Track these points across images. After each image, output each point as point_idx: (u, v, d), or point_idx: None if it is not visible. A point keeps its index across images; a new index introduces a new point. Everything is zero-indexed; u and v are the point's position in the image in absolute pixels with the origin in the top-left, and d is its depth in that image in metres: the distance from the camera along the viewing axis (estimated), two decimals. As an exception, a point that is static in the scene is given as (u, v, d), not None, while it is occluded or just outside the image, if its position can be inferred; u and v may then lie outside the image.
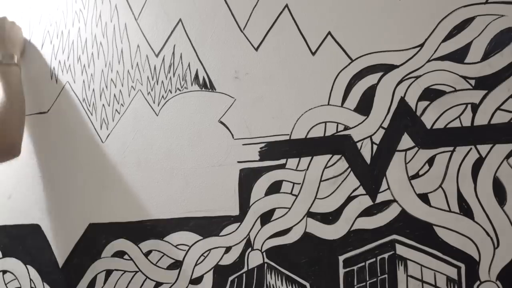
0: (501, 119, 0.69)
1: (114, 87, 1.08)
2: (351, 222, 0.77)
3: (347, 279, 0.76)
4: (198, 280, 0.89)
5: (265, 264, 0.83)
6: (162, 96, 0.98)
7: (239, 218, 0.86)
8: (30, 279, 1.10)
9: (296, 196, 0.82)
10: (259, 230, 0.84)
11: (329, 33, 0.83)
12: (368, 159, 0.77)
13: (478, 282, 0.68)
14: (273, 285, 0.82)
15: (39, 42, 1.18)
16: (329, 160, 0.80)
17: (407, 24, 0.77)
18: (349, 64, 0.81)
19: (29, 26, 1.20)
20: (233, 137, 0.89)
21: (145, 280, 0.94)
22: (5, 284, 1.10)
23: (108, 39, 1.10)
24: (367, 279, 0.75)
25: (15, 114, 0.99)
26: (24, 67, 1.13)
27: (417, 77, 0.75)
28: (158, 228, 0.94)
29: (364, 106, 0.79)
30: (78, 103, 1.09)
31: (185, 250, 0.91)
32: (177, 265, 0.91)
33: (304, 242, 0.80)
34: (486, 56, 0.71)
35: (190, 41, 0.97)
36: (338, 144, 0.80)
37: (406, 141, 0.75)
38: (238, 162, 0.88)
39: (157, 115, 0.98)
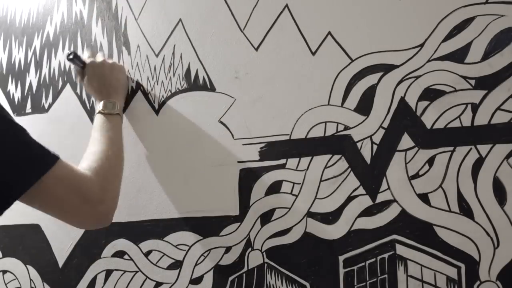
0: (501, 119, 0.69)
1: (114, 87, 1.08)
2: (351, 222, 0.77)
3: (347, 279, 0.76)
4: (198, 280, 0.89)
5: (265, 264, 0.83)
6: (162, 96, 0.98)
7: (239, 218, 0.86)
8: (30, 279, 1.10)
9: (296, 196, 0.82)
10: (259, 230, 0.84)
11: (329, 33, 0.83)
12: (368, 159, 0.77)
13: (478, 282, 0.68)
14: (273, 285, 0.82)
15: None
16: (329, 160, 0.80)
17: (407, 24, 0.77)
18: (349, 64, 0.81)
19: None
20: (233, 137, 0.89)
21: (145, 280, 0.94)
22: (5, 284, 1.10)
23: (108, 39, 1.10)
24: (367, 279, 0.75)
25: (118, 173, 0.82)
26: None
27: (417, 77, 0.75)
28: (158, 228, 0.94)
29: (364, 106, 0.79)
30: (78, 103, 1.09)
31: (185, 250, 0.91)
32: (177, 265, 0.91)
33: (304, 242, 0.80)
34: (486, 56, 0.71)
35: (190, 41, 0.97)
36: (338, 144, 0.80)
37: (406, 141, 0.75)
38: (238, 162, 0.88)
39: (157, 115, 0.98)
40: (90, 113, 1.11)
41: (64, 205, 0.68)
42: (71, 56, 0.96)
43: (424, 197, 0.73)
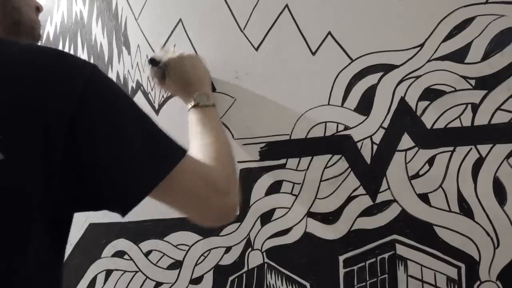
0: (501, 119, 0.69)
1: (114, 87, 1.08)
2: (351, 222, 0.77)
3: (347, 279, 0.76)
4: (198, 280, 0.89)
5: (265, 264, 0.83)
6: (162, 96, 0.98)
7: (239, 218, 0.86)
8: (30, 279, 1.10)
9: (296, 196, 0.82)
10: (259, 230, 0.84)
11: (329, 33, 0.83)
12: (368, 159, 0.77)
13: (478, 282, 0.68)
14: (273, 285, 0.82)
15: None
16: (329, 160, 0.80)
17: (407, 24, 0.77)
18: (349, 64, 0.81)
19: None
20: (233, 137, 0.89)
21: (145, 280, 0.94)
22: (5, 284, 1.09)
23: (108, 39, 1.10)
24: (367, 279, 0.75)
25: (234, 164, 0.76)
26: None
27: (417, 77, 0.75)
28: (158, 228, 0.94)
29: (364, 106, 0.79)
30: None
31: (185, 250, 0.91)
32: (177, 265, 0.91)
33: (304, 242, 0.80)
34: (486, 56, 0.71)
35: (190, 41, 0.97)
36: (338, 144, 0.80)
37: (406, 141, 0.75)
38: (238, 162, 0.88)
39: (157, 115, 0.98)
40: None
41: (193, 196, 0.63)
42: (149, 61, 0.91)
43: (424, 197, 0.73)
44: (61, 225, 0.59)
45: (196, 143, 0.77)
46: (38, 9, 0.76)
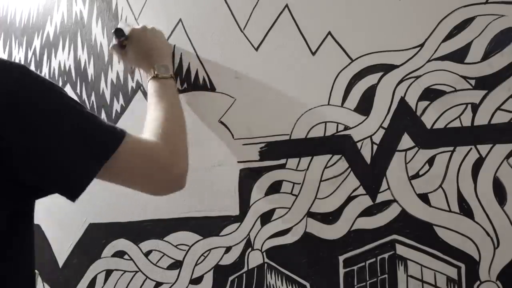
0: (501, 119, 0.69)
1: (114, 87, 1.08)
2: (351, 222, 0.77)
3: (347, 279, 0.76)
4: (198, 280, 0.89)
5: (265, 264, 0.83)
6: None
7: (239, 218, 0.86)
8: (30, 279, 1.10)
9: (296, 196, 0.82)
10: (259, 230, 0.84)
11: (329, 33, 0.83)
12: (368, 159, 0.77)
13: (478, 282, 0.68)
14: (273, 285, 0.82)
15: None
16: (329, 160, 0.80)
17: (407, 24, 0.77)
18: (349, 64, 0.81)
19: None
20: (233, 137, 0.89)
21: (145, 280, 0.95)
22: (5, 284, 1.10)
23: (108, 39, 1.10)
24: (367, 279, 0.75)
25: (183, 135, 0.80)
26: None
27: (417, 77, 0.75)
28: (158, 228, 0.94)
29: (364, 106, 0.79)
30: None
31: (185, 250, 0.91)
32: (177, 265, 0.91)
33: (304, 242, 0.80)
34: (486, 56, 0.71)
35: (190, 41, 0.97)
36: (338, 144, 0.80)
37: (406, 141, 0.75)
38: (238, 162, 0.88)
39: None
40: (90, 113, 1.11)
41: (139, 175, 0.69)
42: (117, 33, 0.93)
43: (424, 197, 0.73)
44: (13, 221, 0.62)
45: (149, 115, 0.81)
46: None
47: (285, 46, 0.87)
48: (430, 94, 0.74)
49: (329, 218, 0.79)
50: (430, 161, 0.73)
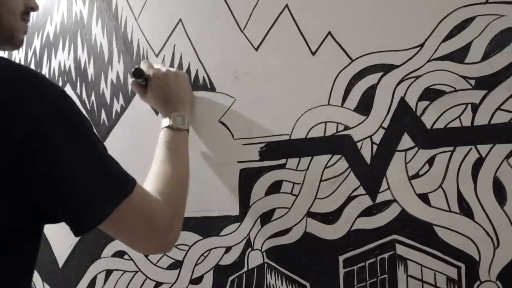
0: (501, 119, 0.69)
1: (114, 87, 1.08)
2: (351, 222, 0.77)
3: (347, 279, 0.76)
4: (198, 280, 0.89)
5: (265, 264, 0.83)
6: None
7: (239, 218, 0.86)
8: (30, 279, 1.10)
9: (296, 196, 0.82)
10: (259, 230, 0.84)
11: (329, 33, 0.83)
12: (368, 159, 0.77)
13: (478, 282, 0.68)
14: (273, 285, 0.82)
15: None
16: (329, 160, 0.80)
17: (407, 24, 0.77)
18: (349, 64, 0.81)
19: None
20: (233, 137, 0.89)
21: (145, 280, 0.94)
22: (5, 284, 1.10)
23: (108, 39, 1.10)
24: (367, 279, 0.75)
25: (185, 196, 0.78)
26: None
27: (417, 77, 0.75)
28: (158, 228, 0.94)
29: (364, 106, 0.79)
30: (78, 103, 1.09)
31: (185, 250, 0.91)
32: (177, 265, 0.91)
33: (304, 242, 0.80)
34: (486, 56, 0.71)
35: (190, 41, 0.97)
36: (338, 144, 0.80)
37: (406, 141, 0.75)
38: (238, 162, 0.88)
39: (158, 115, 0.98)
40: (90, 113, 1.11)
41: (134, 232, 0.67)
42: (135, 74, 0.88)
43: (424, 197, 0.73)
44: (22, 240, 0.61)
45: (155, 168, 0.79)
46: (29, 11, 0.75)
47: (285, 46, 0.86)
48: (430, 94, 0.74)
49: (329, 218, 0.79)
50: (430, 161, 0.73)
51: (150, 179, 0.76)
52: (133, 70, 0.88)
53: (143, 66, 0.91)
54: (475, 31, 0.72)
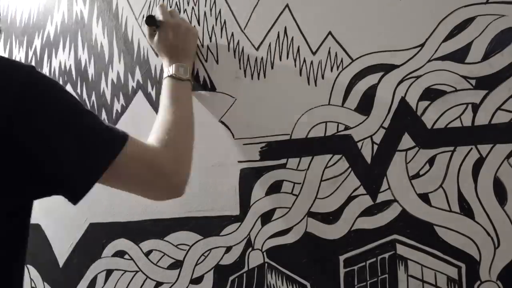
0: (501, 119, 0.69)
1: (114, 87, 1.08)
2: (351, 222, 0.77)
3: (348, 279, 0.76)
4: (198, 280, 0.89)
5: (266, 264, 0.83)
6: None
7: (240, 218, 0.86)
8: (31, 279, 1.10)
9: (297, 196, 0.82)
10: (259, 230, 0.84)
11: (329, 33, 0.83)
12: (368, 159, 0.77)
13: (478, 282, 0.68)
14: (273, 285, 0.82)
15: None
16: (329, 160, 0.80)
17: (408, 24, 0.77)
18: (349, 64, 0.81)
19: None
20: (233, 137, 0.89)
21: (145, 280, 0.94)
22: (5, 284, 1.10)
23: (109, 39, 1.10)
24: (368, 279, 0.75)
25: (189, 142, 0.79)
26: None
27: (417, 77, 0.75)
28: (158, 228, 0.94)
29: (365, 106, 0.79)
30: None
31: (185, 250, 0.91)
32: (177, 265, 0.91)
33: (305, 242, 0.80)
34: (487, 56, 0.71)
35: (191, 41, 0.97)
36: (339, 144, 0.80)
37: (406, 141, 0.75)
38: (239, 162, 0.88)
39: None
40: (91, 113, 1.11)
41: (139, 181, 0.68)
42: (148, 21, 0.90)
43: (424, 197, 0.73)
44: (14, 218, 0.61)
45: (159, 116, 0.81)
46: None
47: (286, 46, 0.86)
48: (431, 94, 0.74)
49: (330, 218, 0.79)
50: (431, 161, 0.73)
51: (152, 130, 0.78)
52: (146, 17, 0.91)
53: (158, 10, 0.93)
54: (476, 31, 0.72)
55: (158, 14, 0.91)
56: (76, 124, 0.61)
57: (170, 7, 1.00)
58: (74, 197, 0.62)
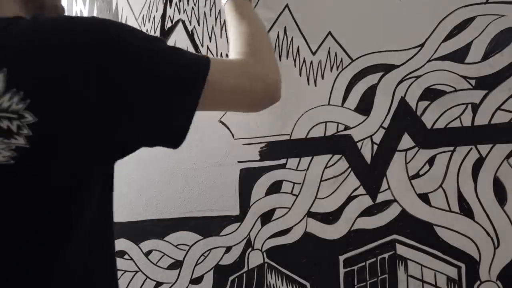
0: (501, 119, 0.69)
1: (114, 87, 1.08)
2: (351, 222, 0.77)
3: (348, 279, 0.76)
4: (198, 280, 0.89)
5: (266, 264, 0.83)
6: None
7: (239, 218, 0.86)
8: (30, 279, 1.10)
9: (297, 196, 0.82)
10: (259, 230, 0.84)
11: (329, 33, 0.83)
12: (368, 159, 0.77)
13: (478, 282, 0.68)
14: (273, 285, 0.82)
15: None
16: (329, 160, 0.80)
17: (407, 24, 0.77)
18: (349, 64, 0.81)
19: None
20: (233, 137, 0.89)
21: (145, 280, 0.94)
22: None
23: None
24: (368, 279, 0.75)
25: (269, 47, 0.79)
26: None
27: (417, 77, 0.75)
28: (158, 228, 0.94)
29: (365, 106, 0.79)
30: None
31: (185, 250, 0.91)
32: (177, 265, 0.91)
33: (304, 242, 0.80)
34: (487, 56, 0.71)
35: (190, 41, 0.97)
36: (339, 144, 0.80)
37: (406, 141, 0.75)
38: (239, 162, 0.88)
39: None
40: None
41: (236, 93, 0.67)
42: None
43: (424, 197, 0.73)
44: (105, 180, 0.62)
45: (231, 34, 0.79)
46: None
47: (286, 46, 0.86)
48: (430, 94, 0.74)
49: (329, 218, 0.79)
50: (430, 161, 0.73)
51: (230, 52, 0.77)
52: None
53: None
54: (475, 31, 0.72)
55: None
56: (160, 57, 0.57)
57: (170, 7, 1.01)
58: (174, 139, 0.59)
